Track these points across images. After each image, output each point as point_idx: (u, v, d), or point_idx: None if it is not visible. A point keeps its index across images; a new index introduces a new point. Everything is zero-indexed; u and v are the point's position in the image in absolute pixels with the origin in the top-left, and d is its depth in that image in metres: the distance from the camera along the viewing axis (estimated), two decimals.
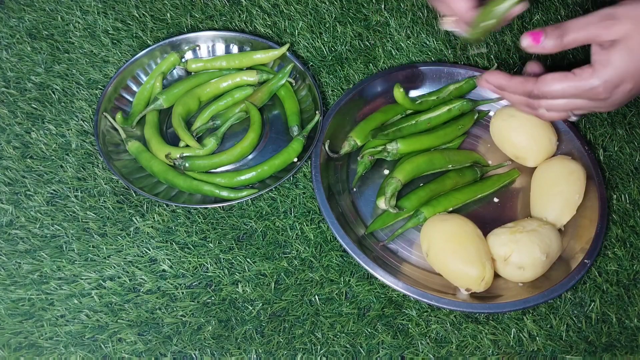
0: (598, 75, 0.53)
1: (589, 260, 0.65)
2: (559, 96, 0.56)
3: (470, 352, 0.62)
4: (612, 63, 0.52)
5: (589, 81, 0.53)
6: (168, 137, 0.77)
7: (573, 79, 0.54)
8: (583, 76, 0.54)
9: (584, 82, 0.54)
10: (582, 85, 0.54)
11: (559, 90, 0.55)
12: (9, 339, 0.62)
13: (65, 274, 0.66)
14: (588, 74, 0.54)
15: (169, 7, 0.88)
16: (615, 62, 0.52)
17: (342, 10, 0.89)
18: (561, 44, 0.54)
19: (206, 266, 0.67)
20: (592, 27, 0.53)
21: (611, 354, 0.62)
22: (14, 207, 0.70)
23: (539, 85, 0.56)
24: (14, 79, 0.81)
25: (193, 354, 0.62)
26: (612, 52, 0.52)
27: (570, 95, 0.55)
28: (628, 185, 0.73)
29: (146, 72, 0.81)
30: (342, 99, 0.77)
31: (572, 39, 0.54)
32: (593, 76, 0.53)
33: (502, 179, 0.74)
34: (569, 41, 0.54)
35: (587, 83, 0.54)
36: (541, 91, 0.56)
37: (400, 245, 0.70)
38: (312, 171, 0.71)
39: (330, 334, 0.63)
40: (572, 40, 0.54)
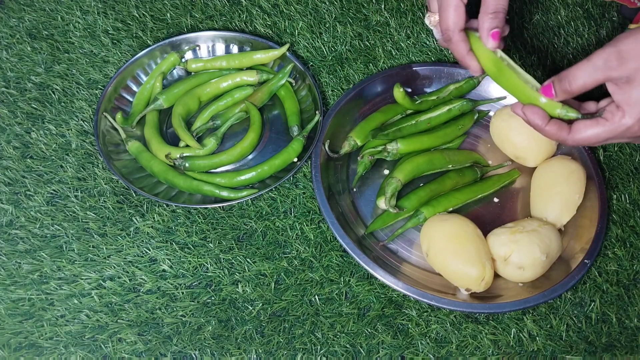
0: (630, 115, 0.54)
1: (589, 260, 0.65)
2: (594, 142, 0.57)
3: (470, 352, 0.62)
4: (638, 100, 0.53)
5: (622, 122, 0.55)
6: (168, 137, 0.77)
7: (606, 124, 0.55)
8: (615, 120, 0.55)
9: (617, 125, 0.55)
10: (616, 128, 0.55)
11: (593, 136, 0.56)
12: (9, 339, 0.62)
13: (65, 274, 0.66)
14: (619, 116, 0.55)
15: (169, 7, 0.88)
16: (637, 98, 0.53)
17: (342, 10, 0.89)
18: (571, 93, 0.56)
19: (206, 266, 0.67)
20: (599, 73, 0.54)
21: (611, 354, 0.62)
22: (14, 207, 0.70)
23: (573, 134, 0.57)
24: (14, 79, 0.81)
25: (193, 354, 0.62)
26: (632, 90, 0.53)
27: (605, 139, 0.56)
28: (628, 185, 0.73)
29: (146, 72, 0.81)
30: (342, 99, 0.77)
31: (580, 85, 0.55)
32: (625, 117, 0.54)
33: (502, 179, 0.74)
34: (577, 88, 0.55)
35: (621, 125, 0.55)
36: (575, 140, 0.57)
37: (400, 245, 0.70)
38: (312, 171, 0.71)
39: (330, 334, 0.63)
40: (581, 87, 0.55)
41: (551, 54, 0.85)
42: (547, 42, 0.86)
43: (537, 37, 0.87)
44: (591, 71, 0.54)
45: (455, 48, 0.63)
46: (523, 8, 0.90)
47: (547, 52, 0.85)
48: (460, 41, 0.62)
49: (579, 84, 0.55)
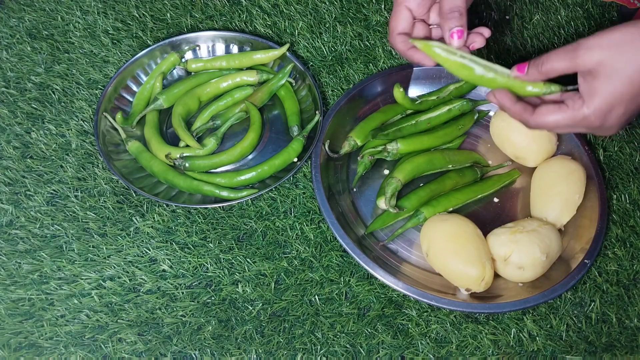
0: (588, 106, 0.55)
1: (589, 260, 0.65)
2: (554, 127, 0.59)
3: (470, 352, 0.62)
4: (598, 92, 0.55)
5: (581, 111, 0.56)
6: (168, 137, 0.77)
7: (566, 111, 0.57)
8: (575, 107, 0.56)
9: (576, 112, 0.56)
10: (575, 116, 0.56)
11: (553, 121, 0.58)
12: (9, 339, 0.62)
13: (65, 274, 0.66)
14: (579, 105, 0.56)
15: (169, 7, 0.88)
16: (599, 90, 0.54)
17: (342, 10, 0.89)
18: (540, 72, 0.58)
19: (206, 266, 0.67)
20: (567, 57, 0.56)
21: (611, 354, 0.62)
22: (14, 207, 0.70)
23: (535, 117, 0.59)
24: (14, 79, 0.81)
25: (193, 354, 0.62)
26: (594, 82, 0.55)
27: (564, 125, 0.58)
28: (628, 185, 0.73)
29: (146, 72, 0.81)
30: (342, 99, 0.77)
31: (549, 67, 0.57)
32: (583, 107, 0.56)
33: (503, 179, 0.74)
34: (547, 70, 0.57)
35: (579, 113, 0.56)
36: (536, 122, 0.59)
37: (400, 245, 0.70)
38: (312, 171, 0.71)
39: (330, 334, 0.63)
40: (549, 69, 0.57)
41: None
42: (547, 42, 0.86)
43: (537, 37, 0.87)
44: (561, 56, 0.56)
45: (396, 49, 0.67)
46: (523, 8, 0.90)
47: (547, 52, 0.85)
48: (399, 42, 0.66)
49: (548, 67, 0.57)
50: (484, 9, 0.90)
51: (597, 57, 0.54)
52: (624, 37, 0.53)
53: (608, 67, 0.54)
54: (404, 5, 0.66)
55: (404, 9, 0.66)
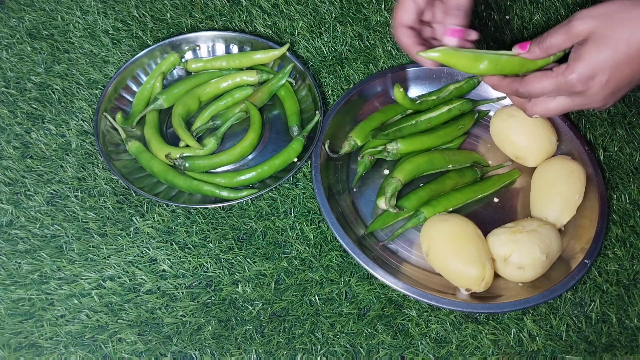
0: (571, 69, 0.57)
1: (589, 260, 0.65)
2: (541, 93, 0.60)
3: (470, 352, 0.62)
4: (583, 57, 0.56)
5: (564, 75, 0.58)
6: (168, 137, 0.77)
7: (551, 75, 0.59)
8: (559, 72, 0.58)
9: (560, 77, 0.58)
10: (558, 80, 0.58)
11: (540, 87, 0.60)
12: (9, 339, 0.62)
13: (65, 274, 0.66)
14: (563, 69, 0.58)
15: (169, 7, 0.88)
16: (585, 55, 0.56)
17: (342, 10, 0.89)
18: (542, 50, 0.59)
19: (206, 266, 0.67)
20: (562, 30, 0.57)
21: (611, 354, 0.62)
22: (14, 207, 0.70)
23: (524, 84, 0.61)
24: (14, 79, 0.81)
25: (193, 354, 0.62)
26: (582, 48, 0.56)
27: (550, 90, 0.60)
28: (628, 185, 0.73)
29: (146, 72, 0.81)
30: (342, 99, 0.77)
31: (549, 43, 0.59)
32: (567, 71, 0.57)
33: (503, 179, 0.74)
34: (548, 46, 0.59)
35: (562, 77, 0.58)
36: (526, 89, 0.61)
37: (400, 245, 0.70)
38: (312, 171, 0.71)
39: (330, 334, 0.63)
40: (549, 45, 0.59)
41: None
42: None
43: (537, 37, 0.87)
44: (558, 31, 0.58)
45: (399, 41, 0.67)
46: (523, 8, 0.90)
47: None
48: (403, 36, 0.66)
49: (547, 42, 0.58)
50: (484, 9, 0.90)
51: (589, 25, 0.55)
52: (614, 7, 0.55)
53: (597, 35, 0.55)
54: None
55: (410, 1, 0.65)
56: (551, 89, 0.59)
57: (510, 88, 0.62)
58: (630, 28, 0.54)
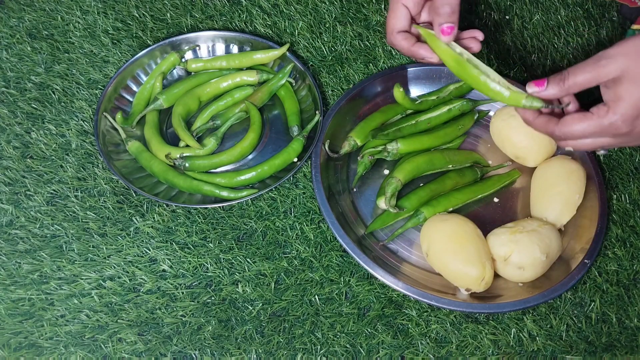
0: (614, 111, 0.55)
1: (589, 260, 0.65)
2: (580, 136, 0.58)
3: (470, 352, 0.62)
4: (623, 97, 0.54)
5: (607, 117, 0.55)
6: (168, 137, 0.77)
7: (592, 117, 0.56)
8: (600, 114, 0.56)
9: (602, 119, 0.56)
10: (601, 122, 0.56)
11: (579, 130, 0.57)
12: (9, 339, 0.62)
13: (65, 274, 0.66)
14: (604, 111, 0.56)
15: (169, 7, 0.88)
16: (625, 95, 0.54)
17: (342, 10, 0.89)
18: (563, 88, 0.57)
19: (206, 266, 0.67)
20: (589, 69, 0.55)
21: (611, 354, 0.62)
22: (14, 207, 0.70)
23: (561, 127, 0.58)
24: (14, 79, 0.81)
25: (193, 354, 0.62)
26: (618, 88, 0.54)
27: (591, 134, 0.57)
28: (628, 185, 0.73)
29: (146, 72, 0.81)
30: (342, 99, 0.77)
31: (572, 82, 0.56)
32: (609, 113, 0.55)
33: (503, 179, 0.74)
34: (569, 85, 0.57)
35: (605, 120, 0.56)
36: (563, 132, 0.58)
37: (400, 245, 0.70)
38: (312, 171, 0.71)
39: (330, 334, 0.63)
40: (572, 84, 0.56)
41: (551, 53, 0.85)
42: (547, 42, 0.86)
43: (537, 37, 0.87)
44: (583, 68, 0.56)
45: (398, 47, 0.67)
46: (523, 8, 0.90)
47: (547, 52, 0.85)
48: (400, 40, 0.66)
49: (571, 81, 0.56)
50: (484, 9, 0.90)
51: (620, 65, 0.54)
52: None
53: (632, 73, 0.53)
54: (401, 3, 0.65)
55: (402, 7, 0.66)
56: (592, 132, 0.57)
57: (545, 128, 0.60)
58: None
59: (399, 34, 0.66)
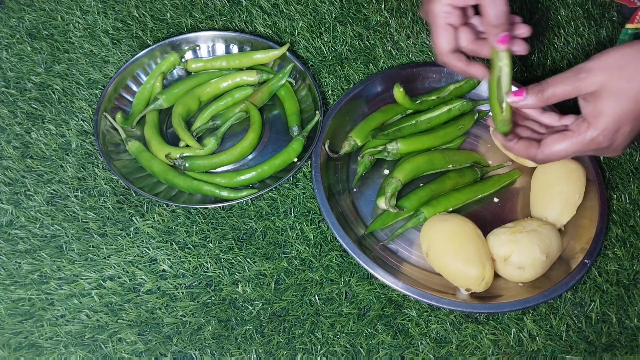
0: (594, 127, 0.56)
1: (589, 260, 0.65)
2: (564, 156, 0.58)
3: (470, 352, 0.62)
4: (602, 112, 0.55)
5: (588, 134, 0.56)
6: (168, 137, 0.77)
7: (572, 135, 0.57)
8: (580, 131, 0.56)
9: (583, 136, 0.56)
10: (583, 139, 0.56)
11: (562, 150, 0.58)
12: (9, 339, 0.62)
13: (65, 274, 0.66)
14: (584, 128, 0.56)
15: (169, 7, 0.88)
16: (604, 110, 0.55)
17: (342, 10, 0.89)
18: (542, 98, 0.58)
19: (206, 266, 0.67)
20: (568, 82, 0.56)
21: (611, 354, 0.62)
22: (14, 207, 0.70)
23: (543, 149, 0.59)
24: (14, 79, 0.81)
25: (193, 354, 0.62)
26: (597, 102, 0.55)
27: (574, 152, 0.58)
28: (628, 185, 0.73)
29: (146, 72, 0.81)
30: (342, 99, 0.77)
31: (550, 93, 0.57)
32: (590, 129, 0.56)
33: (503, 179, 0.74)
34: (548, 96, 0.57)
35: (587, 136, 0.56)
36: (545, 155, 0.59)
37: (400, 245, 0.70)
38: (312, 171, 0.71)
39: (330, 334, 0.63)
40: (551, 95, 0.57)
41: (551, 53, 0.85)
42: (547, 42, 0.86)
43: (537, 37, 0.87)
44: (561, 80, 0.56)
45: (453, 67, 0.65)
46: (523, 8, 0.90)
47: (547, 52, 0.85)
48: (454, 61, 0.64)
49: (549, 92, 0.57)
50: None
51: (600, 78, 0.54)
52: (624, 58, 0.54)
53: (611, 87, 0.54)
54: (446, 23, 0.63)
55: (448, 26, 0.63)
56: (575, 150, 0.57)
57: (527, 153, 0.60)
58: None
59: (450, 55, 0.64)
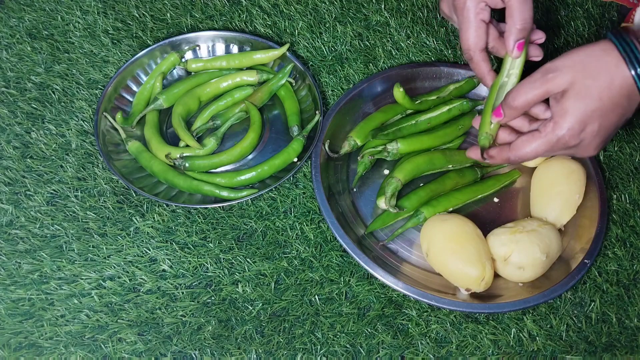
0: (560, 126, 0.56)
1: (589, 260, 0.65)
2: (534, 155, 0.59)
3: (470, 352, 0.62)
4: (568, 111, 0.55)
5: (554, 134, 0.56)
6: (168, 137, 0.77)
7: (539, 136, 0.57)
8: (547, 131, 0.57)
9: (549, 136, 0.57)
10: (549, 139, 0.57)
11: (532, 150, 0.58)
12: (9, 339, 0.62)
13: (65, 274, 0.66)
14: (550, 128, 0.57)
15: (169, 7, 0.88)
16: (569, 109, 0.55)
17: (342, 10, 0.89)
18: (516, 110, 0.58)
19: (206, 266, 0.67)
20: (537, 84, 0.56)
21: (611, 354, 0.62)
22: (14, 207, 0.70)
23: (513, 151, 0.60)
24: (14, 79, 0.81)
25: (193, 354, 0.62)
26: (564, 101, 0.55)
27: (543, 151, 0.58)
28: (628, 185, 0.73)
29: (146, 72, 0.81)
30: (342, 99, 0.77)
31: (523, 101, 0.57)
32: (556, 128, 0.56)
33: (503, 179, 0.74)
34: (520, 104, 0.57)
35: (553, 136, 0.56)
36: (517, 156, 0.60)
37: (400, 245, 0.70)
38: (312, 171, 0.71)
39: (330, 334, 0.63)
40: (523, 103, 0.57)
41: (551, 54, 0.85)
42: (547, 42, 0.86)
43: None
44: (530, 85, 0.56)
45: (475, 67, 0.65)
46: None
47: (547, 52, 0.85)
48: (481, 61, 0.64)
49: (522, 100, 0.57)
50: None
51: (567, 77, 0.54)
52: (589, 56, 0.55)
53: (577, 85, 0.54)
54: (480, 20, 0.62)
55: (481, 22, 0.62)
56: (544, 150, 0.58)
57: (501, 157, 0.61)
58: (608, 75, 0.54)
59: (481, 53, 0.63)
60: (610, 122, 0.56)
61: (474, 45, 0.63)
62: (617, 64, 0.54)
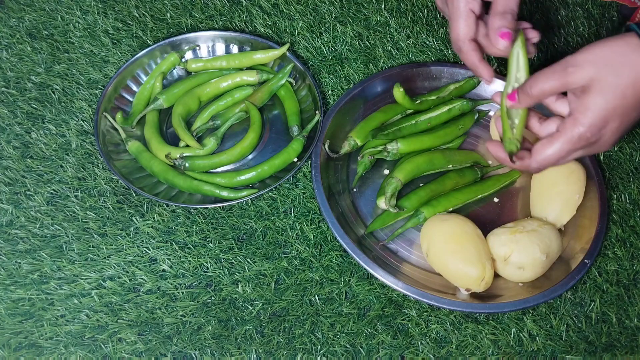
0: (581, 123, 0.55)
1: (589, 260, 0.65)
2: (557, 158, 0.58)
3: (470, 352, 0.62)
4: (590, 107, 0.54)
5: (575, 130, 0.55)
6: (168, 137, 0.77)
7: (560, 136, 0.56)
8: (567, 128, 0.55)
9: (570, 134, 0.55)
10: (570, 137, 0.56)
11: (554, 153, 0.57)
12: (9, 339, 0.62)
13: (65, 274, 0.66)
14: (571, 124, 0.55)
15: (169, 7, 0.88)
16: (591, 105, 0.54)
17: (342, 10, 0.89)
18: (531, 97, 0.57)
19: (206, 266, 0.67)
20: (556, 76, 0.55)
21: (611, 354, 0.62)
22: (14, 207, 0.70)
23: (535, 157, 0.58)
24: (14, 79, 0.81)
25: (193, 354, 0.62)
26: (586, 97, 0.54)
27: (566, 152, 0.57)
28: (628, 185, 0.73)
29: (146, 72, 0.81)
30: (342, 99, 0.77)
31: (539, 89, 0.56)
32: (576, 125, 0.55)
33: (503, 179, 0.74)
34: (536, 93, 0.56)
35: (574, 133, 0.55)
36: (539, 162, 0.58)
37: (400, 245, 0.70)
38: (312, 171, 0.71)
39: (330, 334, 0.63)
40: (539, 91, 0.56)
41: (551, 54, 0.85)
42: (547, 42, 0.86)
43: None
44: (549, 75, 0.55)
45: (465, 58, 0.64)
46: (523, 8, 0.90)
47: (547, 52, 0.85)
48: (470, 50, 0.63)
49: (538, 88, 0.56)
50: None
51: (589, 73, 0.53)
52: (613, 52, 0.53)
53: (600, 81, 0.53)
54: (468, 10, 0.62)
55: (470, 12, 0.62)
56: (567, 150, 0.56)
57: (521, 166, 0.59)
58: (633, 73, 0.52)
59: (470, 43, 0.62)
60: (631, 119, 0.55)
61: (463, 35, 0.62)
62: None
